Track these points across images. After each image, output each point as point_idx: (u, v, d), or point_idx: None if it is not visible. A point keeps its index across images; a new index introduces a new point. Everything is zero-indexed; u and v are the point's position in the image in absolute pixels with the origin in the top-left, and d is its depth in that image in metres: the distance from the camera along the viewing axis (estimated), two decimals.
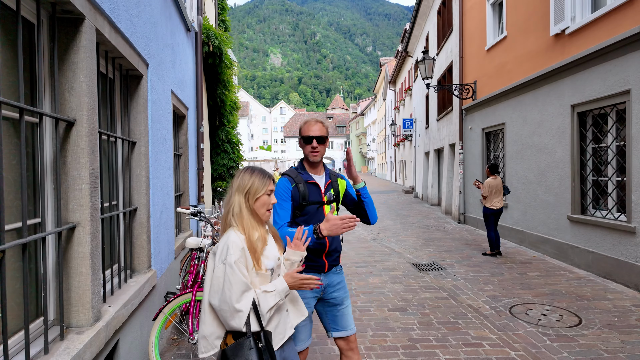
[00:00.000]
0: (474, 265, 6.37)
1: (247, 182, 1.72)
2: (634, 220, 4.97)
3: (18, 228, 1.68)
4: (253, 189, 1.71)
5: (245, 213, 1.70)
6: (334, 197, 2.29)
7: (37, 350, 1.68)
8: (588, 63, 5.79)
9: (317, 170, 2.31)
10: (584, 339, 3.61)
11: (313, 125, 2.23)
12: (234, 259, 1.59)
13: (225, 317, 1.58)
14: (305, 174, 2.26)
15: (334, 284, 2.30)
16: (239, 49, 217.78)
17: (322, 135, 2.23)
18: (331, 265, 2.29)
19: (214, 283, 1.60)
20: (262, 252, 1.69)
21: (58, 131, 1.86)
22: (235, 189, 1.73)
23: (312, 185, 2.25)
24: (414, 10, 16.85)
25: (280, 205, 2.17)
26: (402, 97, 25.02)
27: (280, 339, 1.74)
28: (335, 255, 2.33)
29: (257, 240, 1.68)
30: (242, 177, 1.74)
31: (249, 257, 1.65)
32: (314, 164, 2.28)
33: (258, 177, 1.74)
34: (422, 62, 10.20)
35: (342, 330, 2.28)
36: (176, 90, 4.39)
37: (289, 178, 2.22)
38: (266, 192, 1.74)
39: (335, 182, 2.33)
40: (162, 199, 3.62)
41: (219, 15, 9.64)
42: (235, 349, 1.57)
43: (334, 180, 2.34)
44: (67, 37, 1.92)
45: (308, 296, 2.20)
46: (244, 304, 1.57)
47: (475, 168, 10.07)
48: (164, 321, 2.94)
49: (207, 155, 7.55)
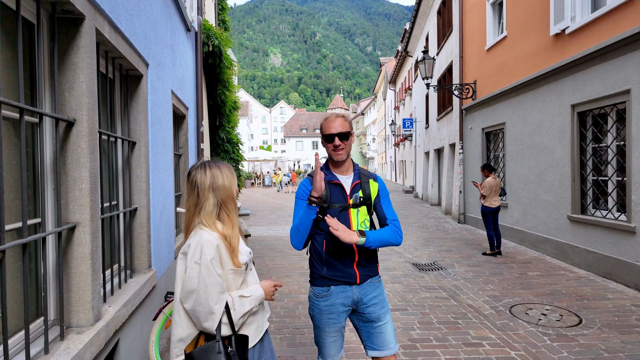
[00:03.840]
0: (474, 265, 6.37)
1: (222, 179, 1.64)
2: (634, 220, 4.97)
3: (18, 228, 1.68)
4: (230, 183, 1.66)
5: (226, 209, 1.64)
6: (361, 200, 2.04)
7: (37, 350, 1.68)
8: (588, 63, 5.79)
9: (343, 170, 2.09)
10: (584, 338, 3.61)
11: (333, 122, 2.04)
12: (209, 258, 1.51)
13: (199, 318, 1.52)
14: (329, 174, 2.07)
15: (368, 298, 2.04)
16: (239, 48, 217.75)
17: (345, 132, 2.02)
18: (365, 277, 2.04)
19: (186, 285, 1.52)
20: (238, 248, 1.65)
21: (58, 131, 1.86)
22: (207, 188, 1.61)
23: (335, 186, 2.05)
24: (414, 10, 16.86)
25: (298, 205, 2.05)
26: (402, 97, 25.02)
27: (260, 332, 1.72)
28: (370, 266, 2.06)
29: (235, 236, 1.63)
30: (213, 175, 1.63)
31: (224, 254, 1.58)
32: (338, 163, 2.07)
33: (228, 170, 1.67)
34: (422, 61, 10.20)
35: (378, 349, 2.03)
36: (176, 90, 4.38)
37: (310, 178, 2.07)
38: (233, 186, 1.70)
39: (365, 184, 2.08)
40: (162, 199, 3.62)
41: (218, 15, 9.63)
42: (202, 353, 1.50)
43: (364, 181, 2.09)
44: (67, 37, 1.92)
45: (337, 310, 2.02)
46: (220, 306, 1.52)
47: (476, 168, 10.07)
48: (164, 321, 2.94)
49: (207, 155, 7.54)
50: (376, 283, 2.08)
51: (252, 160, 33.62)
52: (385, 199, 2.13)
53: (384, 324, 2.04)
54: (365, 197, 2.05)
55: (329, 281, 2.02)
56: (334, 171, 2.09)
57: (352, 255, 2.01)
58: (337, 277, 2.00)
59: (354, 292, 2.01)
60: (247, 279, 1.72)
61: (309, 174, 2.09)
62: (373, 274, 2.07)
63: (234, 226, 1.65)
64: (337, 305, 2.01)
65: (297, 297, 4.83)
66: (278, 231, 9.98)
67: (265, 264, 6.57)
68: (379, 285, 2.08)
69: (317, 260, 2.06)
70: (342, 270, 2.00)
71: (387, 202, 2.13)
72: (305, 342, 3.60)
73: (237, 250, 1.63)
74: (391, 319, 2.09)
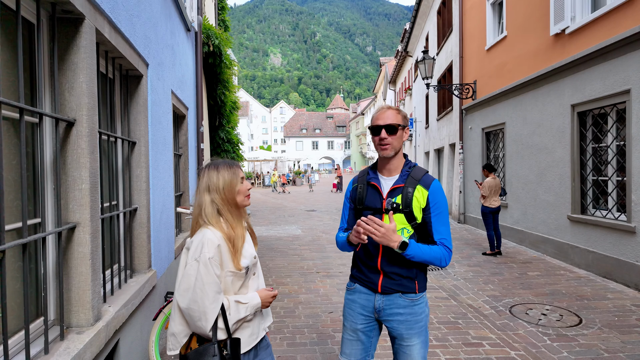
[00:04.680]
0: (474, 265, 6.37)
1: (217, 179, 1.64)
2: (634, 220, 4.97)
3: (18, 228, 1.68)
4: (227, 184, 1.64)
5: (225, 210, 1.63)
6: (394, 206, 1.80)
7: (37, 350, 1.68)
8: (588, 63, 5.79)
9: (390, 169, 1.88)
10: (584, 338, 3.61)
11: (384, 112, 1.85)
12: (209, 256, 1.51)
13: (193, 317, 1.50)
14: (372, 173, 1.92)
15: (392, 312, 1.85)
16: (239, 48, 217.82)
17: (394, 124, 1.81)
18: (390, 289, 1.84)
19: (183, 281, 1.52)
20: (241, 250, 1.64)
21: (58, 131, 1.86)
22: (203, 189, 1.64)
23: (372, 188, 1.89)
24: (414, 10, 16.86)
25: (344, 206, 1.99)
26: (402, 97, 25.02)
27: (254, 340, 1.69)
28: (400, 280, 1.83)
29: (238, 238, 1.62)
30: (209, 176, 1.65)
31: (225, 255, 1.57)
32: (384, 160, 1.87)
33: (226, 170, 1.66)
34: (422, 61, 10.20)
35: None
36: (176, 90, 4.38)
37: (355, 177, 1.95)
38: (240, 181, 1.68)
39: (409, 189, 1.81)
40: (162, 199, 3.62)
41: (218, 15, 9.63)
42: (198, 355, 1.49)
43: (409, 185, 1.82)
44: (67, 37, 1.92)
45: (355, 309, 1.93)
46: (214, 307, 1.50)
47: (476, 168, 10.07)
48: (164, 321, 2.94)
49: (207, 155, 7.54)
50: (411, 301, 1.84)
51: (252, 160, 33.59)
52: (439, 215, 1.81)
53: (410, 346, 1.84)
54: (403, 204, 1.80)
55: (355, 280, 1.98)
56: (378, 170, 1.93)
57: (373, 262, 1.86)
58: (362, 279, 1.93)
59: (376, 300, 1.87)
60: (248, 284, 1.70)
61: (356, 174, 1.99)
62: (406, 289, 1.83)
63: (236, 227, 1.64)
64: (356, 305, 1.93)
65: (297, 297, 4.83)
66: (278, 231, 9.98)
67: (265, 264, 6.57)
68: (415, 304, 1.84)
69: (354, 256, 2.02)
70: (365, 274, 1.91)
71: (440, 218, 1.81)
72: (305, 342, 3.60)
73: (239, 252, 1.61)
74: (424, 345, 1.86)
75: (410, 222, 1.82)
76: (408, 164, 1.90)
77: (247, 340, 1.66)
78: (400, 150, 1.88)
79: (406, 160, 1.92)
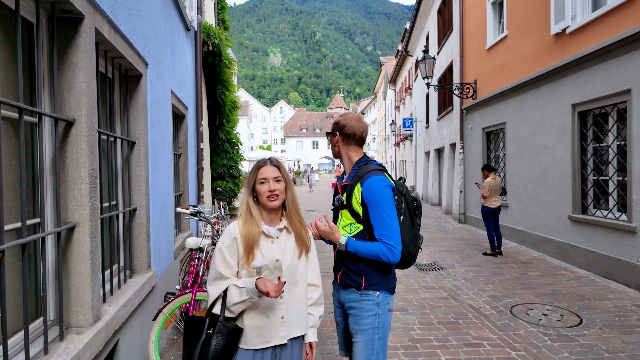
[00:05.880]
0: (475, 265, 6.36)
1: (248, 176, 1.79)
2: (635, 219, 4.96)
3: (17, 228, 1.67)
4: (249, 183, 1.77)
5: (252, 206, 1.74)
6: (340, 203, 1.92)
7: (37, 350, 1.68)
8: (589, 62, 5.79)
9: (347, 169, 2.02)
10: (585, 338, 3.61)
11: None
12: (223, 246, 1.69)
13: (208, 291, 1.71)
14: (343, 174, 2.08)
15: (347, 306, 1.94)
16: (239, 48, 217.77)
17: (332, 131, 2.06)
18: (344, 282, 1.93)
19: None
20: (257, 247, 1.67)
21: (57, 131, 1.85)
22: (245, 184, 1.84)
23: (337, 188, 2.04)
24: (414, 10, 16.85)
25: None
26: (403, 96, 25.00)
27: (262, 343, 1.66)
28: (350, 274, 1.90)
29: (254, 233, 1.67)
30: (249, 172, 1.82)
31: (240, 247, 1.68)
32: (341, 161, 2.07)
33: (252, 170, 1.78)
34: (423, 61, 10.19)
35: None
36: (176, 89, 4.38)
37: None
38: (257, 182, 1.72)
39: (353, 187, 1.87)
40: (161, 199, 3.61)
41: (218, 15, 9.63)
42: (193, 322, 1.69)
43: (353, 183, 1.88)
44: (66, 37, 1.91)
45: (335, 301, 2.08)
46: (213, 289, 1.67)
47: (476, 168, 10.06)
48: (164, 321, 2.93)
49: (207, 155, 7.54)
50: (360, 295, 1.87)
51: (252, 160, 33.57)
52: (374, 211, 1.79)
53: (355, 342, 1.87)
54: (346, 201, 1.89)
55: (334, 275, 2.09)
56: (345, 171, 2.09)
57: (334, 257, 2.02)
58: (334, 274, 2.06)
59: (340, 293, 2.01)
60: None
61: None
62: (354, 284, 1.88)
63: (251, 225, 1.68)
64: (335, 299, 2.08)
65: None
66: None
67: None
68: (363, 300, 1.87)
69: None
70: (334, 269, 2.05)
71: (376, 213, 1.79)
72: None
73: (252, 251, 1.67)
74: (368, 347, 1.84)
75: (355, 218, 1.89)
76: (358, 163, 1.95)
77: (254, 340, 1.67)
78: (347, 153, 1.99)
79: (360, 158, 1.97)
